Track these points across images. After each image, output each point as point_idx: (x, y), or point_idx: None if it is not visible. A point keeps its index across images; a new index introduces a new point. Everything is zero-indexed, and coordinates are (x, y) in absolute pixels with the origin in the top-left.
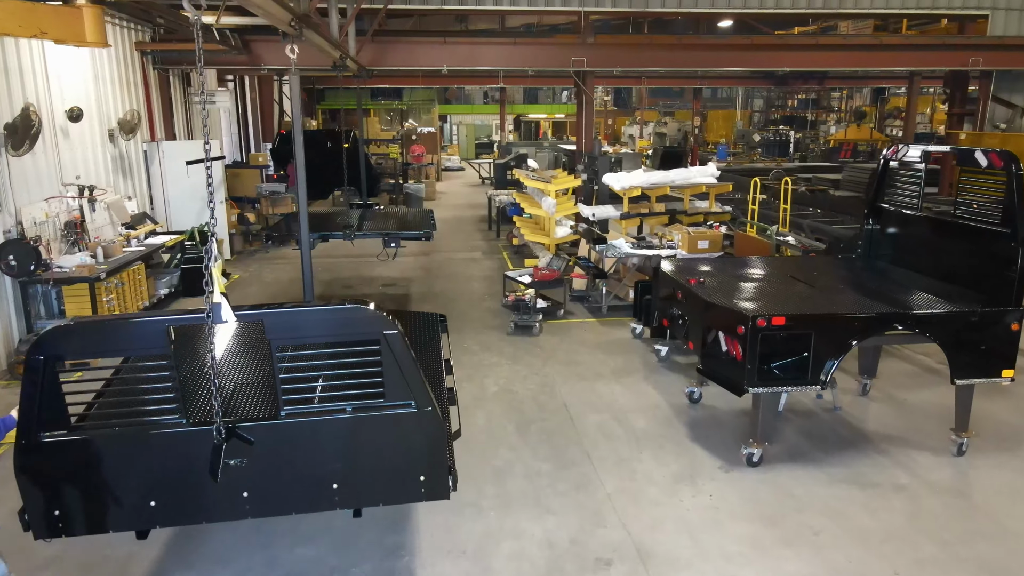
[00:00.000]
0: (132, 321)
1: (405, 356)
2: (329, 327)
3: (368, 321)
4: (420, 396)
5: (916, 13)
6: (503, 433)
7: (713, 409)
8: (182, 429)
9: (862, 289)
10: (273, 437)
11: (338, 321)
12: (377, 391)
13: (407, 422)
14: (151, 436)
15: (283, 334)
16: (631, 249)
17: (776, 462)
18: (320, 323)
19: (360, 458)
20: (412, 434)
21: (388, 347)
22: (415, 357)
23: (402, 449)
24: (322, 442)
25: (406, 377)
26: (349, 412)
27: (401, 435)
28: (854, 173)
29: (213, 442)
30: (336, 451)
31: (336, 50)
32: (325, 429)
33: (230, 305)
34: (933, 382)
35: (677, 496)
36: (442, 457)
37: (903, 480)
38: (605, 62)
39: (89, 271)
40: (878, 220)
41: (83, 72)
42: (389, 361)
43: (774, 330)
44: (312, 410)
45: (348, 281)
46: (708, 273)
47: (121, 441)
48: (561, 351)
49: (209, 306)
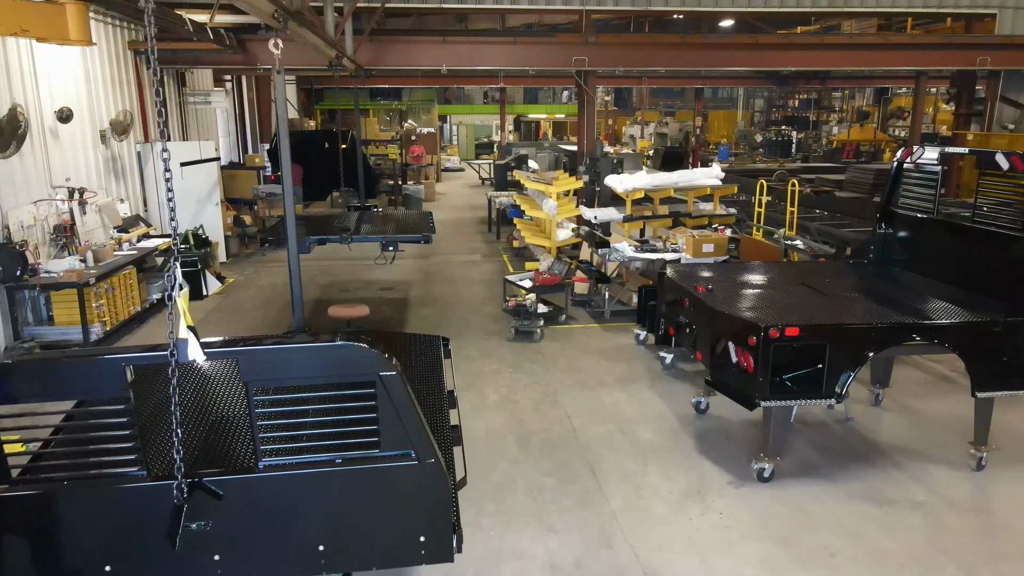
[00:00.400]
0: (84, 360)
1: (404, 400)
2: (316, 367)
3: (362, 361)
4: (421, 445)
5: (922, 12)
6: (503, 445)
7: (721, 420)
8: (142, 483)
9: (877, 297)
10: (250, 492)
11: (327, 361)
12: (371, 440)
13: (406, 475)
14: (107, 491)
15: (261, 375)
16: (634, 253)
17: (788, 477)
18: (305, 363)
19: (351, 516)
20: (411, 489)
21: (385, 390)
22: (415, 400)
23: (399, 506)
24: (307, 498)
25: (405, 424)
26: (339, 464)
27: (398, 490)
28: (858, 174)
29: (173, 502)
30: (323, 508)
31: (332, 49)
32: (310, 483)
33: (198, 340)
34: (946, 390)
35: (686, 514)
36: (445, 514)
37: (920, 497)
38: (607, 61)
39: (78, 276)
40: (891, 224)
41: (73, 72)
42: (385, 406)
43: (787, 341)
44: (296, 462)
45: (346, 285)
46: (716, 280)
47: (72, 497)
48: (563, 358)
49: (173, 342)
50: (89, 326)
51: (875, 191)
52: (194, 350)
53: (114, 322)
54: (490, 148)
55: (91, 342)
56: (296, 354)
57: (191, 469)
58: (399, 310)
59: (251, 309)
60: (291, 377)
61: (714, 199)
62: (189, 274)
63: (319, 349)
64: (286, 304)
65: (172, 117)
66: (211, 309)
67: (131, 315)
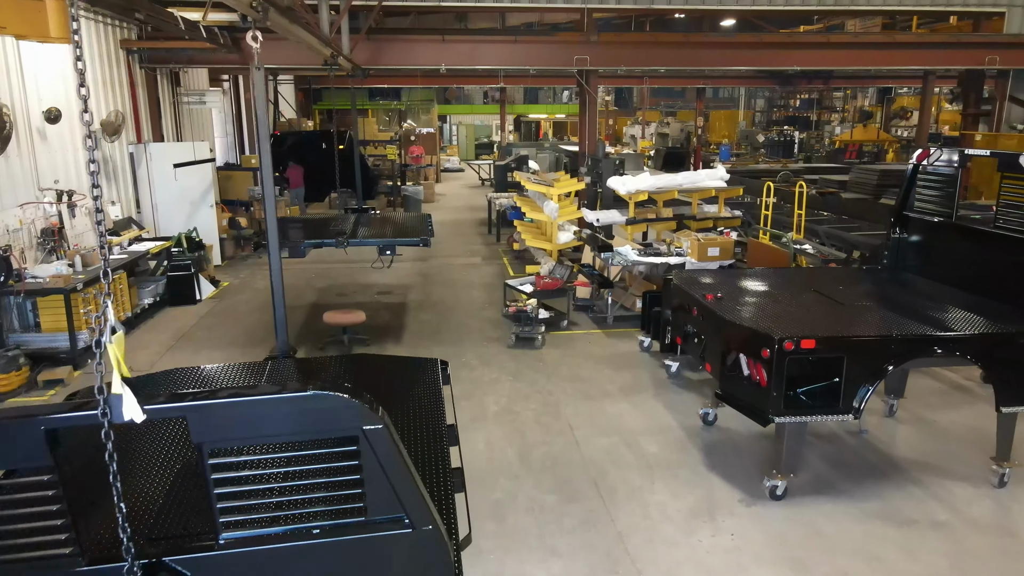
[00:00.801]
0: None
1: (394, 457)
2: (284, 423)
3: (341, 414)
4: (415, 509)
5: (929, 10)
6: (504, 459)
7: (729, 432)
8: (78, 570)
9: (895, 306)
10: (210, 572)
11: (298, 415)
12: (355, 506)
13: (398, 546)
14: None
15: (217, 436)
16: (637, 256)
17: (801, 494)
18: (271, 418)
19: None
20: (405, 562)
21: (370, 447)
22: (407, 456)
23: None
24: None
25: (395, 485)
26: (317, 535)
27: (390, 564)
28: (862, 174)
29: None
30: None
31: (327, 47)
32: (283, 560)
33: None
34: (963, 401)
35: (695, 535)
36: None
37: (941, 516)
38: (609, 61)
39: (64, 281)
40: (906, 229)
41: (62, 71)
42: (372, 465)
43: (802, 354)
44: (265, 535)
45: (343, 288)
46: (724, 287)
47: None
48: (565, 366)
49: (104, 399)
50: (77, 333)
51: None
52: (130, 408)
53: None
54: (490, 148)
55: (78, 349)
56: (259, 408)
57: (150, 544)
58: (397, 315)
59: (246, 313)
60: (255, 436)
61: (719, 201)
62: (181, 278)
63: (288, 401)
64: None
65: (166, 117)
66: (204, 314)
67: (121, 320)
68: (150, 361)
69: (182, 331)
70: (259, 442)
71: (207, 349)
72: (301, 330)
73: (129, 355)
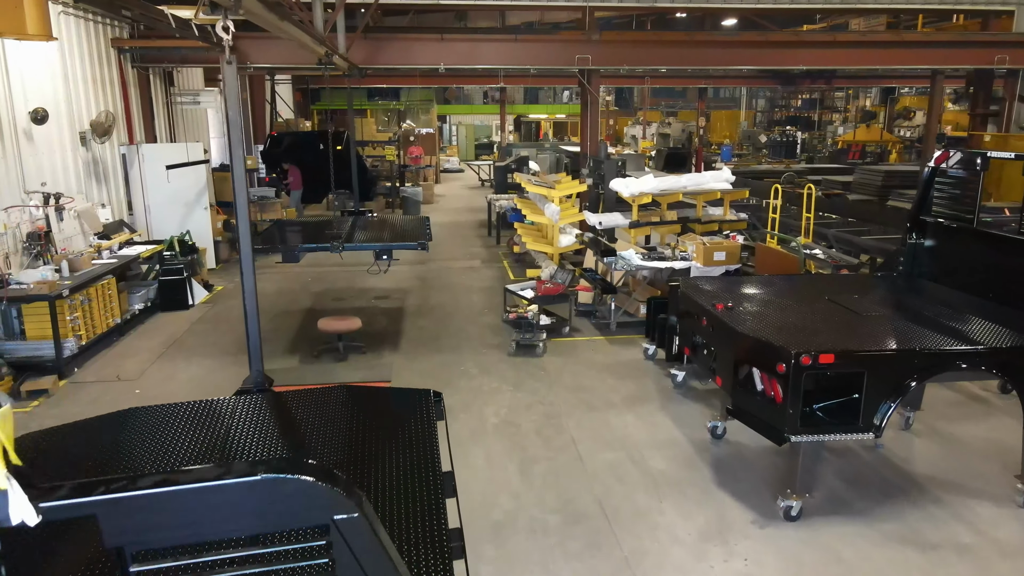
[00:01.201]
0: None
1: (375, 553)
2: (232, 516)
3: (307, 501)
4: None
5: (937, 9)
6: (504, 476)
7: (739, 446)
8: None
9: (914, 316)
10: None
11: (250, 503)
12: None
13: None
14: None
15: (141, 537)
16: (641, 261)
17: (816, 515)
18: (217, 510)
19: None
20: None
21: (343, 540)
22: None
23: None
24: None
25: None
26: None
27: None
28: (866, 175)
29: None
30: None
31: (321, 46)
32: None
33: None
34: (981, 412)
35: (706, 560)
36: None
37: (966, 539)
38: (611, 60)
39: (50, 287)
40: (923, 234)
41: (50, 70)
42: (346, 560)
43: (820, 368)
44: None
45: (340, 293)
46: (733, 295)
47: None
48: (567, 374)
49: None
50: (63, 341)
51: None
52: (19, 507)
53: (90, 335)
54: (490, 149)
55: (64, 357)
56: (196, 499)
57: None
58: (394, 320)
59: (239, 319)
60: (191, 535)
61: (724, 204)
62: (174, 283)
63: (236, 489)
64: (277, 314)
65: (159, 118)
66: (196, 320)
67: (110, 327)
68: (139, 369)
69: (173, 337)
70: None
71: (198, 356)
72: (296, 336)
73: (118, 363)
